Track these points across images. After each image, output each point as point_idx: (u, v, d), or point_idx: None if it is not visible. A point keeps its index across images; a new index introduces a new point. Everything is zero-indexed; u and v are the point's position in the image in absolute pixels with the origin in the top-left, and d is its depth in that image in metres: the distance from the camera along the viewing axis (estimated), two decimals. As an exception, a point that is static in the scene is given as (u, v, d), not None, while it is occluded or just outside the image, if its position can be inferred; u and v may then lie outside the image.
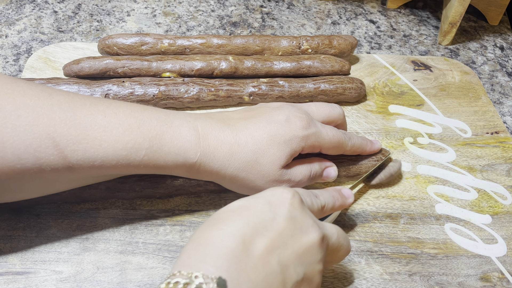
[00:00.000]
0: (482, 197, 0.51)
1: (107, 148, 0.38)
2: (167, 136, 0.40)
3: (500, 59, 0.70)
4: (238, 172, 0.42)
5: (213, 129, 0.42)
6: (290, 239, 0.33)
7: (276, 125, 0.43)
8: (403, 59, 0.66)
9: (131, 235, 0.45)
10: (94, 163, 0.38)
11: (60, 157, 0.37)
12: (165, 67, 0.56)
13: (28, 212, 0.45)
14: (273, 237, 0.32)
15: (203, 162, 0.41)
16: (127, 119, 0.39)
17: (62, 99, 0.38)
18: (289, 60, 0.59)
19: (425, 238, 0.47)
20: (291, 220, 0.33)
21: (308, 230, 0.34)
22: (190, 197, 0.48)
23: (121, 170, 0.40)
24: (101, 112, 0.39)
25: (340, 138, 0.45)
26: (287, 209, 0.34)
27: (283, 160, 0.42)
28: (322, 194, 0.40)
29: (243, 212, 0.33)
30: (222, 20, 0.71)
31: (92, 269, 0.42)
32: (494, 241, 0.47)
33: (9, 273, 0.41)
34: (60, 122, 0.37)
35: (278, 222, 0.33)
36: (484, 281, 0.44)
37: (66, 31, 0.67)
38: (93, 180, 0.42)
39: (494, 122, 0.59)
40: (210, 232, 0.32)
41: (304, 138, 0.43)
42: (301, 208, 0.35)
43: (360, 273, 0.44)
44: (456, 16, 0.67)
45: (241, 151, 0.41)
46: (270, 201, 0.34)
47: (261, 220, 0.33)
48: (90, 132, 0.37)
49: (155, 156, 0.40)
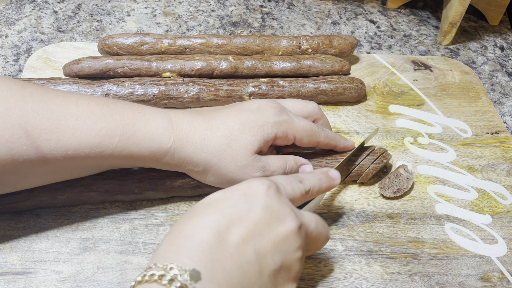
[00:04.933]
0: (482, 197, 0.51)
1: (80, 137, 0.38)
2: (140, 123, 0.40)
3: (500, 59, 0.70)
4: (211, 157, 0.42)
5: (185, 117, 0.42)
6: (266, 228, 0.33)
7: (248, 112, 0.44)
8: (403, 59, 0.66)
9: (131, 235, 0.45)
10: (67, 152, 0.38)
11: (33, 147, 0.37)
12: (165, 67, 0.56)
13: (28, 212, 0.45)
14: (249, 227, 0.33)
15: (177, 148, 0.41)
16: (100, 109, 0.40)
17: (34, 90, 0.38)
18: (289, 60, 0.59)
19: (425, 238, 0.47)
20: (267, 210, 0.34)
21: (284, 219, 0.34)
22: (190, 198, 0.48)
23: (95, 160, 0.40)
24: (73, 103, 0.39)
25: (313, 127, 0.46)
26: (263, 199, 0.34)
27: (255, 145, 0.43)
28: (308, 178, 0.40)
29: (218, 204, 0.34)
30: (222, 20, 0.71)
31: (92, 269, 0.42)
32: (494, 241, 0.47)
33: (9, 273, 0.41)
34: (33, 113, 0.37)
35: (253, 212, 0.33)
36: (484, 281, 0.44)
37: (66, 31, 0.67)
38: (67, 173, 0.41)
39: (494, 122, 0.59)
40: (185, 225, 0.33)
41: (276, 124, 0.43)
42: (278, 198, 0.35)
43: (360, 273, 0.44)
44: (456, 16, 0.67)
45: (213, 136, 0.42)
46: (246, 192, 0.35)
47: (236, 211, 0.33)
48: (63, 121, 0.38)
49: (129, 142, 0.40)
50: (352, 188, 0.50)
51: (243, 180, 0.42)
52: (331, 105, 0.59)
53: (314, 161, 0.48)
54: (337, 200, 0.49)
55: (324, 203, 0.49)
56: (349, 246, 0.46)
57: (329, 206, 0.49)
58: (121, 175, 0.46)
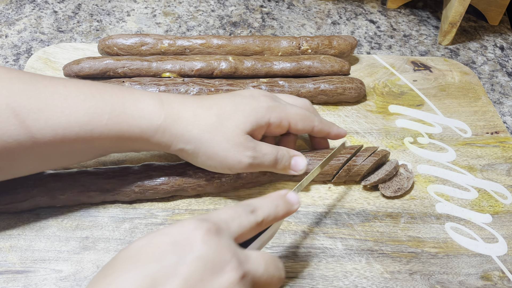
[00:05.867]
0: (482, 197, 0.51)
1: (69, 115, 0.38)
2: (130, 100, 0.40)
3: (500, 59, 0.70)
4: (202, 133, 0.41)
5: (176, 97, 0.43)
6: (199, 284, 0.28)
7: (241, 97, 0.44)
8: (402, 59, 0.66)
9: (131, 234, 0.45)
10: (57, 132, 0.38)
11: (22, 127, 0.36)
12: (165, 67, 0.56)
13: (28, 211, 0.45)
14: (177, 286, 0.28)
15: (168, 124, 0.41)
16: (88, 88, 0.40)
17: (21, 74, 0.38)
18: (289, 60, 0.59)
19: (425, 237, 0.47)
20: (201, 261, 0.29)
21: (223, 269, 0.29)
22: (190, 197, 0.48)
23: (86, 142, 0.39)
24: (61, 84, 0.39)
25: (305, 112, 0.46)
26: (196, 248, 0.29)
27: (247, 125, 0.42)
28: (261, 206, 0.35)
29: (141, 257, 0.29)
30: (222, 20, 0.71)
31: (92, 268, 0.42)
32: (495, 240, 0.47)
33: (9, 272, 0.41)
34: (20, 93, 0.37)
35: (183, 266, 0.28)
36: (485, 280, 0.44)
37: (66, 31, 0.67)
38: (59, 158, 0.41)
39: (494, 122, 0.59)
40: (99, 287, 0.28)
41: (269, 109, 0.44)
42: (217, 243, 0.30)
43: (361, 272, 0.44)
44: (456, 16, 0.67)
45: (205, 113, 0.42)
46: (176, 240, 0.30)
47: (162, 266, 0.28)
48: (51, 101, 0.38)
49: (119, 120, 0.39)
50: (352, 188, 0.50)
51: (235, 160, 0.42)
52: (331, 105, 0.59)
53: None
54: (337, 199, 0.49)
55: (324, 202, 0.49)
56: (350, 245, 0.46)
57: (329, 205, 0.49)
58: (121, 174, 0.46)
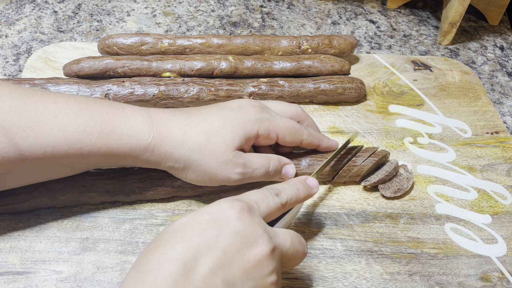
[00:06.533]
0: (482, 197, 0.51)
1: (58, 134, 0.38)
2: (119, 119, 0.40)
3: (500, 59, 0.70)
4: (191, 152, 0.41)
5: (165, 114, 0.42)
6: (236, 255, 0.32)
7: (229, 110, 0.44)
8: (403, 59, 0.66)
9: (131, 235, 0.45)
10: (46, 150, 0.38)
11: (11, 144, 0.37)
12: (165, 67, 0.56)
13: (28, 212, 0.45)
14: (217, 256, 0.31)
15: (157, 143, 0.41)
16: (78, 105, 0.40)
17: (12, 89, 0.38)
18: (289, 60, 0.59)
19: (425, 238, 0.47)
20: (237, 235, 0.32)
21: (256, 242, 0.33)
22: (190, 197, 0.48)
23: (74, 159, 0.39)
24: (51, 100, 0.39)
25: (295, 125, 0.46)
26: (233, 223, 0.33)
27: (236, 141, 0.42)
28: (284, 189, 0.39)
29: (185, 232, 0.32)
30: (222, 20, 0.71)
31: (92, 269, 0.42)
32: (494, 241, 0.47)
33: (9, 273, 0.41)
34: (10, 110, 0.37)
35: (222, 239, 0.32)
36: (484, 281, 0.44)
37: (66, 31, 0.67)
38: (48, 173, 0.41)
39: (494, 122, 0.59)
40: (151, 257, 0.31)
41: (258, 121, 0.43)
42: (250, 220, 0.33)
43: (360, 272, 0.44)
44: (456, 16, 0.67)
45: (193, 131, 0.42)
46: (215, 217, 0.33)
47: (204, 239, 0.32)
48: (41, 118, 0.38)
49: (108, 138, 0.40)
50: (352, 188, 0.50)
51: (224, 177, 0.42)
52: (331, 105, 0.59)
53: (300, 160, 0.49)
54: (337, 200, 0.49)
55: (324, 203, 0.49)
56: (349, 246, 0.46)
57: (329, 206, 0.49)
58: (121, 175, 0.46)
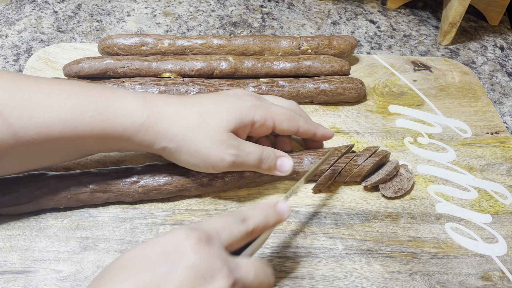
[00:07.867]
0: (482, 197, 0.51)
1: (52, 113, 0.38)
2: (113, 99, 0.41)
3: (500, 59, 0.70)
4: (185, 131, 0.41)
5: (160, 97, 0.43)
6: None
7: (225, 96, 0.44)
8: (403, 59, 0.66)
9: (131, 234, 0.45)
10: (40, 129, 0.38)
11: (5, 124, 0.37)
12: (165, 67, 0.56)
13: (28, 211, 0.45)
14: None
15: (151, 122, 0.41)
16: (71, 87, 0.40)
17: (5, 73, 0.39)
18: (289, 60, 0.59)
19: (425, 237, 0.47)
20: (192, 270, 0.30)
21: (214, 278, 0.30)
22: (190, 197, 0.48)
23: (69, 141, 0.39)
24: (44, 83, 0.39)
25: (290, 112, 0.46)
26: (187, 257, 0.30)
27: (231, 123, 0.42)
28: (252, 215, 0.36)
29: (132, 268, 0.30)
30: (222, 20, 0.71)
31: (92, 268, 0.42)
32: (495, 240, 0.47)
33: (9, 272, 0.41)
34: (3, 92, 0.37)
35: (174, 276, 0.29)
36: (485, 280, 0.44)
37: (66, 31, 0.67)
38: (43, 157, 0.41)
39: (494, 122, 0.59)
40: None
41: (253, 107, 0.44)
42: (207, 252, 0.31)
43: (361, 272, 0.44)
44: (456, 16, 0.67)
45: (188, 111, 0.42)
46: (167, 250, 0.30)
47: (153, 276, 0.29)
48: (34, 99, 0.38)
49: (102, 118, 0.40)
50: (352, 188, 0.50)
51: (218, 157, 0.42)
52: (331, 105, 0.59)
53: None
54: (337, 199, 0.49)
55: (324, 202, 0.49)
56: (350, 245, 0.46)
57: (330, 206, 0.49)
58: (125, 175, 0.46)
